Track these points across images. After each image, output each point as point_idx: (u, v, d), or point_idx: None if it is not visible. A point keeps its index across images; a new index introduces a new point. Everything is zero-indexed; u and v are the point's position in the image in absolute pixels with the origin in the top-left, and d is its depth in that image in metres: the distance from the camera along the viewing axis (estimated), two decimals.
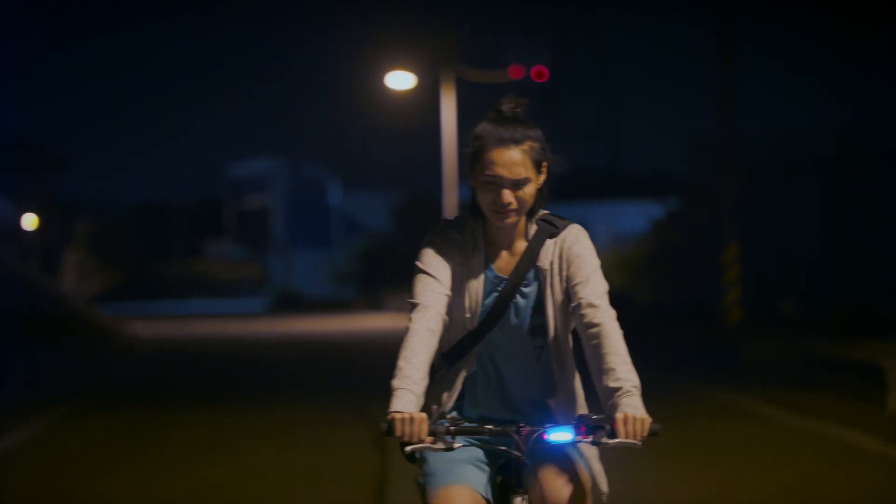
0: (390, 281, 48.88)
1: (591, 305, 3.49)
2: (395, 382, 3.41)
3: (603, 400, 3.44)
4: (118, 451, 10.04)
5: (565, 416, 3.61)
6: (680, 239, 26.53)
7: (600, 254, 3.74)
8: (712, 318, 20.65)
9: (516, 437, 3.43)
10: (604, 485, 3.59)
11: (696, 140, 33.31)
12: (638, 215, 31.61)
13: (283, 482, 8.41)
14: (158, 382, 17.25)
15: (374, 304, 45.84)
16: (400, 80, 34.16)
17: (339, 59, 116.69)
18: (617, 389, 3.37)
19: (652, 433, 3.33)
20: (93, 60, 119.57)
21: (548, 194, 3.66)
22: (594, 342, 3.45)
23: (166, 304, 57.72)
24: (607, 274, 3.63)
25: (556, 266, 3.64)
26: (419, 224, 53.04)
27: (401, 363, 3.44)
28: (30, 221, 45.47)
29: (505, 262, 3.68)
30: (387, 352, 17.53)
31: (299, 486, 8.22)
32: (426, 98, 38.16)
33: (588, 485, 3.54)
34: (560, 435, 3.41)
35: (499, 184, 3.51)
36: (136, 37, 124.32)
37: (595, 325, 3.46)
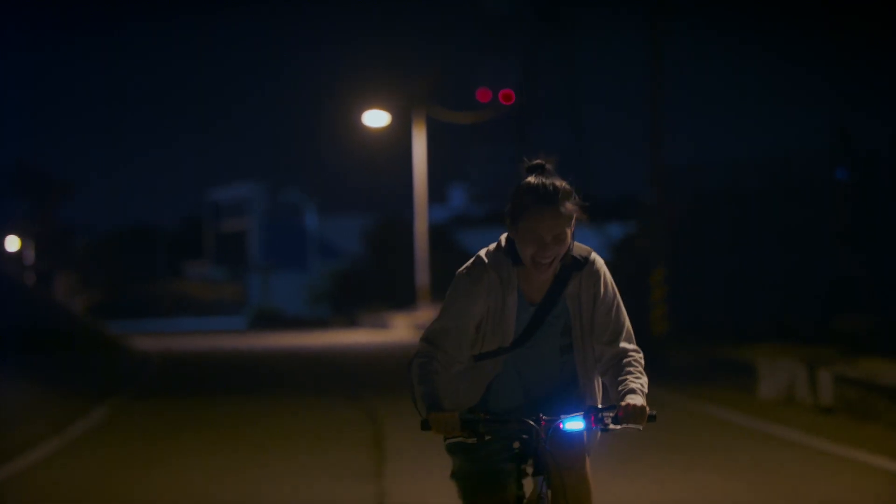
0: (363, 301, 52.30)
1: (623, 353, 4.19)
2: (424, 389, 4.07)
3: (612, 398, 4.14)
4: (172, 425, 13.62)
5: (578, 404, 4.20)
6: (624, 261, 29.92)
7: None
8: (642, 331, 24.20)
9: (536, 427, 3.99)
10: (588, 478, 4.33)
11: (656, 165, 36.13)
12: (602, 238, 34.56)
13: (293, 446, 12.03)
14: (181, 381, 20.70)
15: (350, 321, 49.00)
16: (375, 119, 37.84)
17: (318, 90, 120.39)
18: (625, 387, 4.07)
19: (650, 418, 4.01)
20: (74, 86, 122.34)
21: (573, 240, 4.17)
22: (618, 366, 4.17)
23: (151, 322, 60.40)
24: None
25: (581, 296, 4.20)
26: (390, 247, 56.57)
27: (421, 387, 4.09)
28: (12, 243, 48.31)
29: (536, 292, 4.19)
30: (367, 360, 22.00)
31: (303, 446, 11.83)
32: (400, 131, 41.53)
33: (589, 469, 4.21)
34: (574, 424, 4.02)
35: (540, 241, 4.05)
36: (120, 62, 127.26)
37: (626, 365, 4.16)
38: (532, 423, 3.98)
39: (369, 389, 17.70)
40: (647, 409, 3.99)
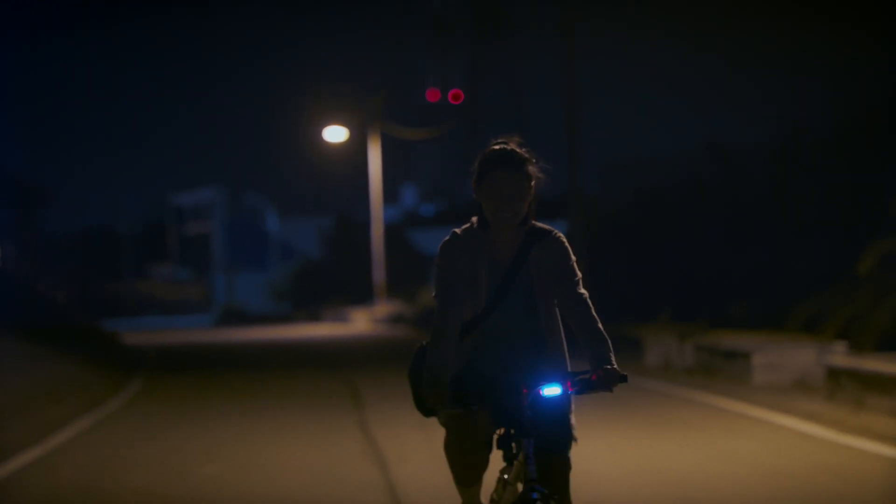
0: (323, 297, 56.39)
1: (574, 294, 4.76)
2: (432, 363, 4.67)
3: (587, 358, 4.70)
4: (198, 391, 17.82)
5: (556, 371, 4.72)
6: None
7: None
8: None
9: (518, 396, 4.55)
10: (575, 431, 4.81)
11: (604, 163, 39.19)
12: None
13: (295, 400, 16.27)
14: (184, 365, 24.75)
15: (312, 316, 52.97)
16: (334, 134, 42.05)
17: (280, 99, 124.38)
18: (595, 351, 4.68)
19: (621, 380, 4.61)
20: (33, 90, 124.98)
21: (534, 207, 4.79)
22: (578, 318, 4.74)
23: (118, 321, 63.74)
24: None
25: (543, 262, 4.79)
26: (347, 247, 60.72)
27: (434, 350, 4.69)
28: None
29: (504, 260, 4.80)
30: (333, 347, 26.82)
31: (302, 399, 16.07)
32: (355, 142, 45.56)
33: (572, 429, 4.77)
34: (552, 390, 4.57)
35: (502, 196, 4.71)
36: (82, 68, 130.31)
37: (578, 307, 4.75)
38: (515, 393, 4.59)
39: (341, 365, 21.90)
40: (619, 371, 4.65)
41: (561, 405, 4.71)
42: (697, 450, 10.56)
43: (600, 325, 4.75)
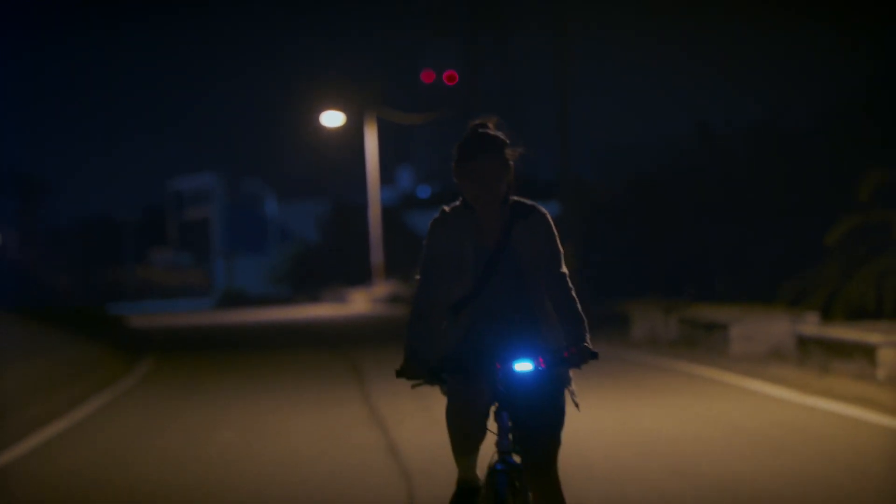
0: (322, 279, 57.38)
1: (554, 273, 4.93)
2: (409, 340, 4.94)
3: (563, 335, 4.93)
4: (209, 366, 18.81)
5: (548, 344, 4.94)
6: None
7: None
8: None
9: (493, 373, 4.84)
10: (577, 398, 5.03)
11: (596, 147, 40.22)
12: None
13: (300, 374, 17.26)
14: (190, 344, 25.72)
15: (312, 297, 53.96)
16: (332, 119, 42.92)
17: (278, 85, 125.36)
18: (570, 329, 4.89)
19: (592, 357, 4.82)
20: (34, 79, 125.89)
21: (514, 184, 4.97)
22: (556, 297, 4.92)
23: (122, 305, 64.70)
24: None
25: (527, 240, 4.95)
26: (345, 230, 61.68)
27: (412, 327, 4.97)
28: None
29: (489, 239, 4.96)
30: (334, 327, 27.94)
31: (308, 373, 17.07)
32: (352, 127, 46.46)
33: (565, 403, 4.97)
34: (523, 365, 4.81)
35: (480, 179, 4.88)
36: (81, 56, 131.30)
37: (557, 286, 4.93)
38: (490, 370, 4.85)
39: (342, 343, 22.88)
40: (590, 348, 4.84)
41: (539, 381, 4.85)
42: (674, 412, 11.52)
43: (578, 305, 4.93)
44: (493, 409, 4.94)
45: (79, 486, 9.00)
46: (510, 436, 4.92)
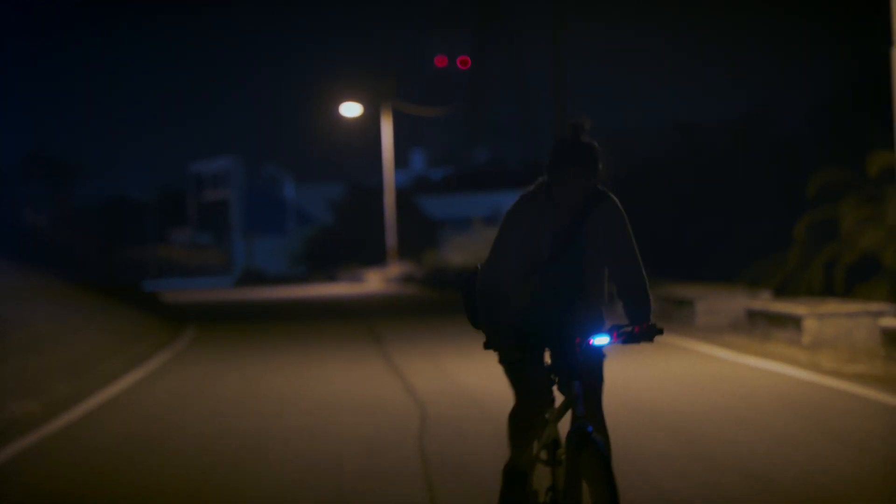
0: (337, 260, 60.13)
1: (628, 257, 5.39)
2: (489, 318, 5.31)
3: (628, 313, 5.40)
4: (243, 335, 21.66)
5: (602, 323, 5.44)
6: None
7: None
8: None
9: (572, 345, 5.23)
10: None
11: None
12: None
13: (329, 338, 20.11)
14: (223, 316, 28.55)
15: (329, 277, 56.61)
16: (350, 109, 45.71)
17: (296, 73, 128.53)
18: (639, 307, 5.39)
19: (658, 332, 5.30)
20: (61, 62, 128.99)
21: (597, 180, 5.31)
22: (628, 279, 5.39)
23: (147, 282, 67.42)
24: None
25: (600, 226, 5.36)
26: (360, 212, 64.46)
27: (485, 309, 5.34)
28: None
29: (565, 219, 5.35)
30: (354, 303, 31.13)
31: (334, 338, 19.92)
32: (368, 115, 49.10)
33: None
34: (601, 339, 5.26)
35: (571, 187, 5.25)
36: (108, 42, 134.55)
37: (630, 269, 5.40)
38: (569, 343, 5.23)
39: (361, 316, 25.68)
40: (656, 325, 5.31)
41: (600, 351, 5.40)
42: (643, 369, 14.22)
43: (647, 285, 5.44)
44: (555, 379, 5.44)
45: (168, 415, 11.84)
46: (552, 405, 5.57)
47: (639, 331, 5.30)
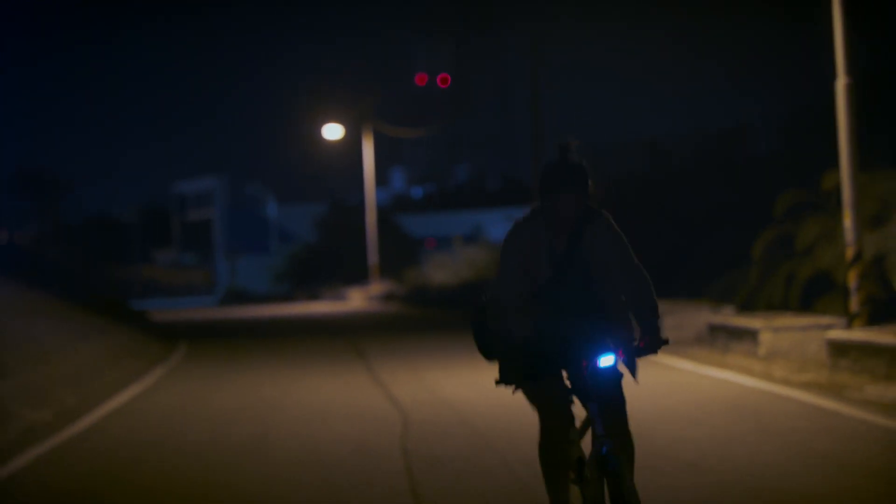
0: (320, 278, 61.01)
1: (628, 269, 5.43)
2: (500, 355, 5.46)
3: (639, 323, 5.45)
4: (232, 351, 22.67)
5: (608, 342, 5.36)
6: None
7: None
8: None
9: (579, 368, 5.29)
10: (637, 374, 5.62)
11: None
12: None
13: (313, 353, 21.14)
14: (212, 333, 29.53)
15: (312, 295, 57.51)
16: (332, 131, 46.75)
17: (277, 94, 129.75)
18: (645, 321, 5.41)
19: (663, 343, 5.35)
20: (47, 80, 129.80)
21: (589, 200, 5.35)
22: (632, 291, 5.43)
23: (132, 301, 68.02)
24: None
25: (596, 243, 5.40)
26: (342, 231, 65.37)
27: (500, 329, 5.41)
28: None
29: (561, 241, 5.39)
30: (336, 321, 32.14)
31: (318, 352, 20.97)
32: (351, 131, 49.99)
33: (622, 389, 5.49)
34: (606, 359, 5.30)
35: (562, 211, 5.28)
36: (89, 61, 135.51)
37: (632, 282, 5.43)
38: (575, 367, 5.29)
39: (345, 333, 26.70)
40: (662, 337, 5.38)
41: (615, 369, 5.40)
42: None
43: (653, 296, 5.50)
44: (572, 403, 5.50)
45: (171, 423, 12.86)
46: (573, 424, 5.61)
47: (643, 345, 5.38)
